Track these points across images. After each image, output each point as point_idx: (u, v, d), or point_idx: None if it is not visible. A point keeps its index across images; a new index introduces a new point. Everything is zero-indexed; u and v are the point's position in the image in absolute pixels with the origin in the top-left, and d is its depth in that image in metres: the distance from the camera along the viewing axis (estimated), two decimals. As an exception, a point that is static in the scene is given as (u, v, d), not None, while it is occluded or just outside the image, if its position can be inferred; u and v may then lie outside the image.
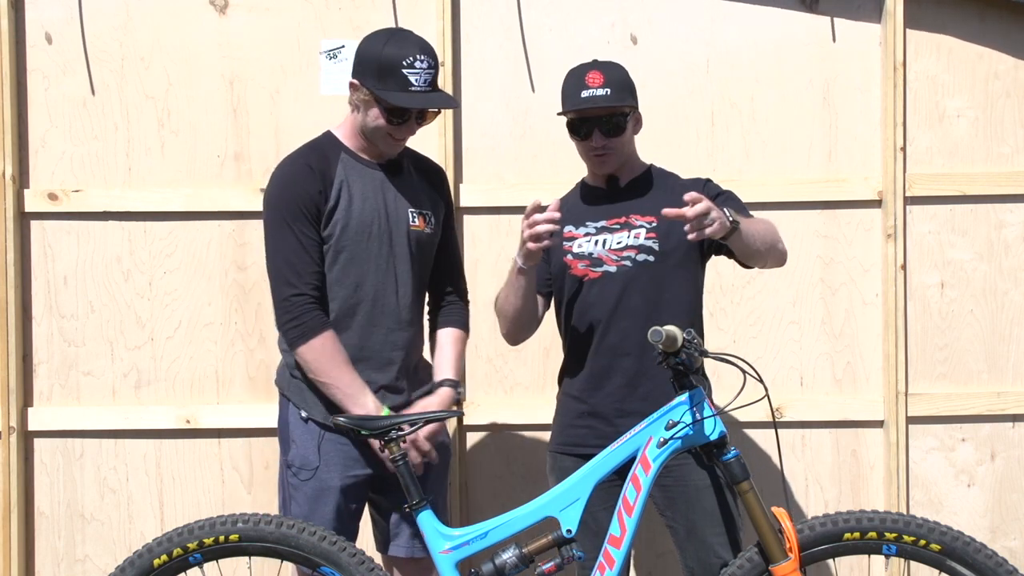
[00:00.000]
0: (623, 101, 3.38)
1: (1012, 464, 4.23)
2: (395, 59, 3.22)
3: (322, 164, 3.30)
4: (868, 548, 3.02)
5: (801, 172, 4.22)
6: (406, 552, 3.39)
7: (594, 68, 3.41)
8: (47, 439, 4.26)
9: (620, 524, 3.01)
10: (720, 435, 2.99)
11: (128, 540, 4.23)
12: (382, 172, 3.37)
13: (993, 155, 4.22)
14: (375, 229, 3.31)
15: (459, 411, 4.13)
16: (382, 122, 3.27)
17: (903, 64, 4.15)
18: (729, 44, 4.23)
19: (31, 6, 4.22)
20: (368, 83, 3.25)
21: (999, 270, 4.22)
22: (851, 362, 4.22)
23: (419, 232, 3.39)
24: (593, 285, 3.40)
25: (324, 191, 3.27)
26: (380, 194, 3.34)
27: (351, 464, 3.31)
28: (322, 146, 3.38)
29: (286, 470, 3.36)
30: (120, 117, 4.25)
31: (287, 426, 3.38)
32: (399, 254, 3.35)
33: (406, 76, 3.21)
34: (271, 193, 3.34)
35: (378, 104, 3.25)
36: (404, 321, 3.37)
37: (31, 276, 4.25)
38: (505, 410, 4.24)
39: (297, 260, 3.25)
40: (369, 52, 3.28)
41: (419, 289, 3.42)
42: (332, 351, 3.24)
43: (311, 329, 3.23)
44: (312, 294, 3.25)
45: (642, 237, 3.38)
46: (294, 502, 3.33)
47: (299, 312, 3.24)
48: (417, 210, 3.40)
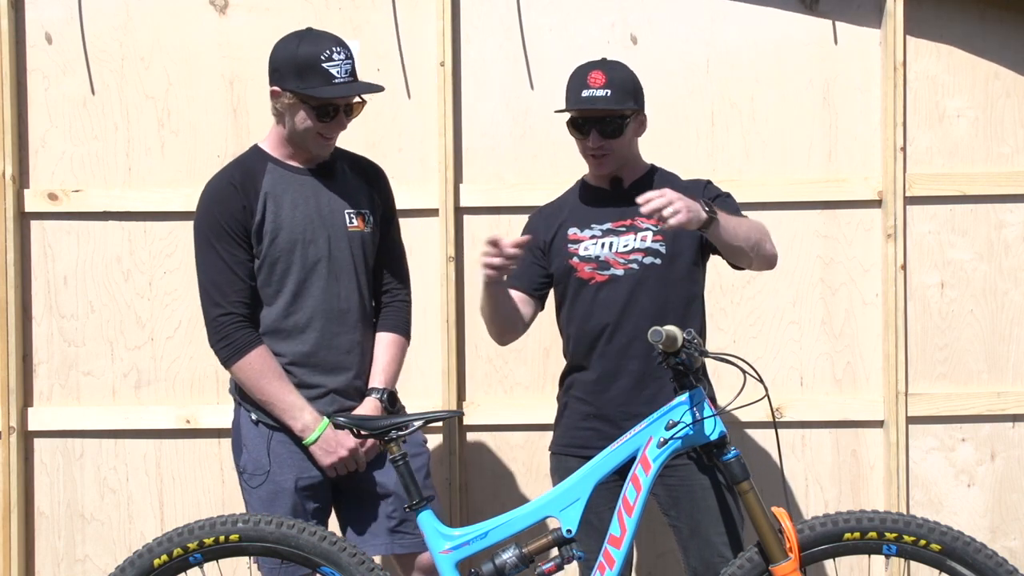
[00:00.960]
0: (623, 104, 3.36)
1: (1012, 464, 4.23)
2: (312, 56, 3.22)
3: (246, 179, 3.30)
4: (868, 548, 3.02)
5: (801, 172, 4.22)
6: (387, 550, 3.37)
7: (598, 68, 3.40)
8: (47, 439, 4.26)
9: (620, 524, 3.01)
10: (720, 435, 2.99)
11: (128, 540, 4.24)
12: (313, 177, 3.35)
13: (993, 155, 4.22)
14: (309, 235, 3.30)
15: (459, 411, 4.15)
16: (311, 123, 3.26)
17: (903, 64, 4.15)
18: (729, 44, 4.23)
19: (31, 6, 4.22)
20: (290, 85, 3.23)
21: (999, 270, 4.22)
22: (851, 362, 4.23)
23: (359, 232, 3.37)
24: (600, 288, 3.39)
25: (249, 206, 3.27)
26: (312, 199, 3.33)
27: (305, 466, 3.31)
28: (247, 161, 3.37)
29: (240, 475, 3.37)
30: (120, 117, 4.25)
31: (239, 431, 3.38)
32: (338, 257, 3.33)
33: (327, 70, 3.21)
34: (197, 214, 3.34)
35: (304, 104, 3.24)
36: (351, 324, 3.35)
37: (31, 276, 4.25)
38: (505, 410, 4.24)
39: (223, 280, 3.26)
40: (284, 55, 3.27)
41: (363, 291, 3.40)
42: (263, 367, 3.25)
43: (241, 347, 3.25)
44: (239, 312, 3.26)
45: (649, 240, 3.37)
46: (249, 507, 3.33)
47: (228, 331, 3.25)
48: (355, 210, 3.37)
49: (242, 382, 3.29)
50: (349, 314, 3.35)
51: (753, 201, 4.16)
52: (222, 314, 3.26)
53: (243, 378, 3.27)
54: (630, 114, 3.39)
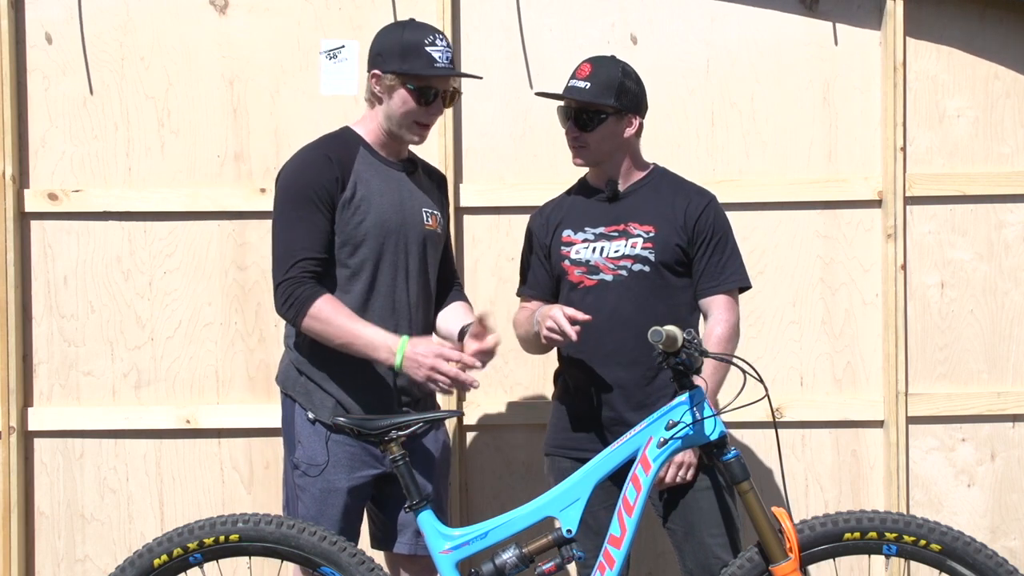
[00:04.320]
0: (599, 99, 3.35)
1: (1012, 464, 4.23)
2: (417, 40, 3.28)
3: (342, 153, 3.31)
4: (868, 548, 3.02)
5: (801, 172, 4.22)
6: (409, 550, 3.39)
7: (589, 61, 3.42)
8: (47, 439, 4.26)
9: (620, 524, 3.01)
10: (720, 435, 3.00)
11: (128, 540, 4.23)
12: (399, 171, 3.39)
13: (993, 155, 4.22)
14: (392, 226, 3.32)
15: (459, 411, 4.14)
16: (411, 104, 3.29)
17: (903, 64, 4.15)
18: (729, 44, 4.23)
19: (31, 6, 4.22)
20: (392, 67, 3.27)
21: (999, 270, 4.22)
22: (851, 362, 4.22)
23: (432, 231, 3.42)
24: (588, 293, 3.39)
25: (342, 178, 3.27)
26: (397, 192, 3.36)
27: (357, 465, 3.31)
28: (342, 138, 3.38)
29: (292, 470, 3.36)
30: (120, 117, 4.25)
31: (292, 426, 3.37)
32: (412, 252, 3.36)
33: (430, 53, 3.27)
34: (284, 179, 3.33)
35: (404, 86, 3.27)
36: (415, 319, 3.37)
37: (31, 276, 4.25)
38: (505, 410, 4.24)
39: (297, 246, 3.23)
40: (389, 39, 3.33)
41: (428, 287, 3.43)
42: (332, 312, 3.19)
43: (305, 300, 3.20)
44: (304, 275, 3.22)
45: (639, 247, 3.36)
46: (300, 502, 3.32)
47: (289, 291, 3.21)
48: (430, 210, 3.42)
49: (317, 334, 3.22)
50: (413, 308, 3.37)
51: (753, 201, 4.17)
52: (288, 278, 3.22)
53: (317, 330, 3.21)
54: (611, 111, 3.37)
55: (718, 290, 3.39)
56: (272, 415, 4.12)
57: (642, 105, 3.46)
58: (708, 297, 3.40)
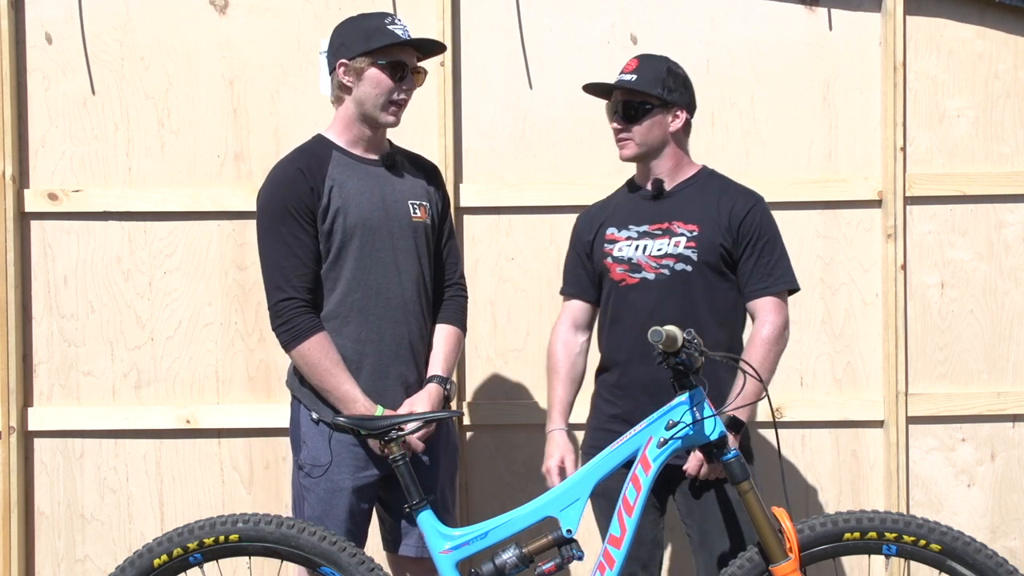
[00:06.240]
0: (646, 88, 3.35)
1: (1012, 464, 4.23)
2: (376, 22, 3.33)
3: (312, 164, 3.32)
4: (868, 548, 3.02)
5: (801, 172, 4.22)
6: (416, 552, 3.39)
7: (636, 57, 3.44)
8: (47, 439, 4.26)
9: (620, 524, 3.01)
10: (720, 435, 2.99)
11: (128, 540, 4.23)
12: (378, 167, 3.38)
13: (993, 155, 4.22)
14: (375, 223, 3.32)
15: (459, 411, 4.14)
16: (385, 81, 3.30)
17: (903, 64, 4.15)
18: (729, 44, 4.23)
19: (31, 6, 4.22)
20: (359, 49, 3.29)
21: (999, 270, 4.22)
22: (851, 362, 4.22)
23: (421, 223, 3.41)
24: (630, 291, 3.37)
25: (316, 189, 3.28)
26: (378, 188, 3.35)
27: (362, 465, 3.32)
28: (312, 148, 3.38)
29: (298, 471, 3.37)
30: (120, 117, 4.25)
31: (298, 428, 3.39)
32: (401, 247, 3.36)
33: (392, 31, 3.30)
34: (262, 198, 3.35)
35: (375, 63, 3.29)
36: (411, 313, 3.37)
37: (31, 276, 4.25)
38: (505, 410, 4.24)
39: (287, 264, 3.26)
40: (349, 29, 3.36)
41: (423, 281, 3.42)
42: (322, 355, 3.25)
43: (302, 332, 3.25)
44: (302, 297, 3.27)
45: (681, 246, 3.34)
46: (306, 503, 3.33)
47: (289, 316, 3.26)
48: (417, 201, 3.41)
49: (300, 367, 3.30)
50: (408, 303, 3.36)
51: (753, 201, 4.17)
52: (284, 298, 3.27)
53: (301, 363, 3.28)
54: (656, 103, 3.37)
55: (767, 292, 3.36)
56: (272, 415, 4.13)
57: (690, 100, 3.45)
58: (756, 299, 3.37)
